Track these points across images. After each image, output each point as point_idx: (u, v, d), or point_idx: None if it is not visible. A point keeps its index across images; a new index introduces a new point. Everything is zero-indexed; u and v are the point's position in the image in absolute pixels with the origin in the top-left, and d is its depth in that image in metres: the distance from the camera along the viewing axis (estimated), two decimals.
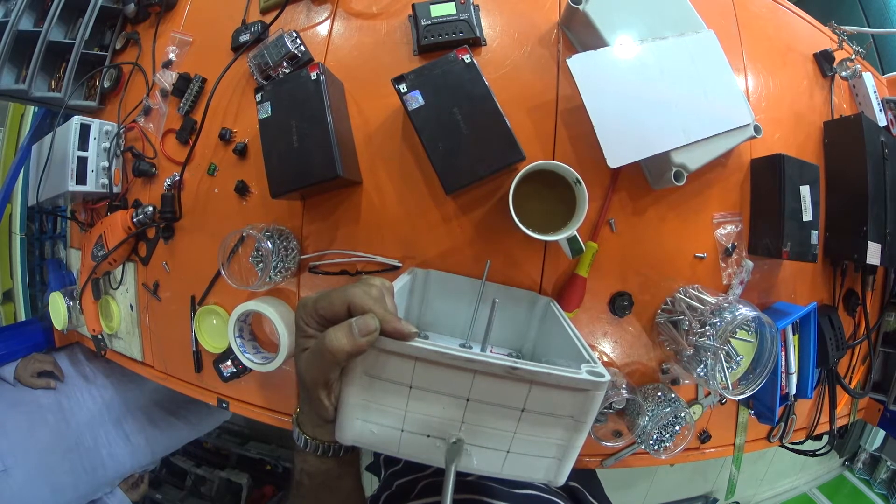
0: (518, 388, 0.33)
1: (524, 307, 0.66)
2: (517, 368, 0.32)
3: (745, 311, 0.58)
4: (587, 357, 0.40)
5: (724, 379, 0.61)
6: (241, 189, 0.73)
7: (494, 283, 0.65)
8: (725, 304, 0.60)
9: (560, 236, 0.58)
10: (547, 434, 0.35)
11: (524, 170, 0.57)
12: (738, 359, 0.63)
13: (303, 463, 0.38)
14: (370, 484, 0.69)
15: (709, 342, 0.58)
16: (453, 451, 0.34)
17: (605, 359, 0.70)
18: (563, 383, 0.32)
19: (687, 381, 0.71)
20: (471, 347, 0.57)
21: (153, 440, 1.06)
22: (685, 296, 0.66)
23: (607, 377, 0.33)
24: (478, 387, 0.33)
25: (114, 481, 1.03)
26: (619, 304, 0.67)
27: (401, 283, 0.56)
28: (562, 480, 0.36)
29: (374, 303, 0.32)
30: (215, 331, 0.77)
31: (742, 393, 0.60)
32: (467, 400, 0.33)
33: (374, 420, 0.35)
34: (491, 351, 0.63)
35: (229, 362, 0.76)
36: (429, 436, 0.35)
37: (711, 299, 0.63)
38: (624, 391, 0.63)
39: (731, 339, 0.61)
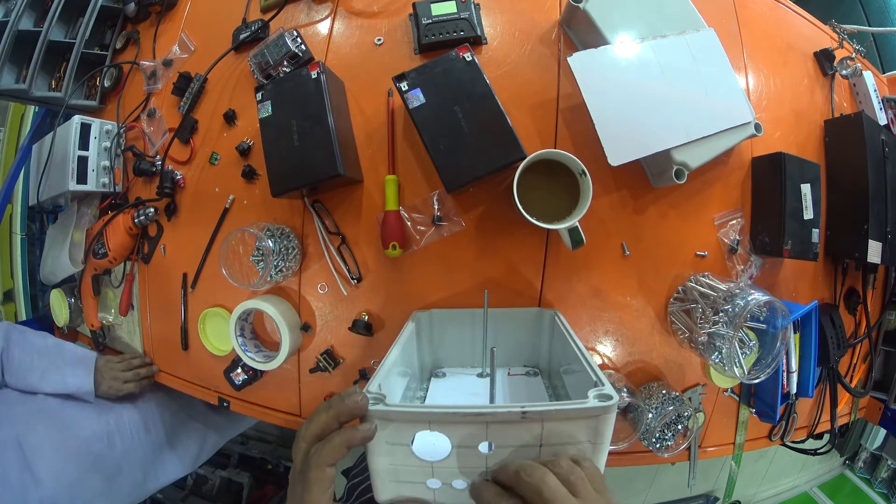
0: (532, 427, 0.34)
1: (531, 324, 0.66)
2: (527, 412, 0.33)
3: (758, 296, 0.57)
4: (594, 377, 0.40)
5: (739, 364, 0.60)
6: (249, 174, 0.72)
7: (497, 309, 0.64)
8: (737, 291, 0.60)
9: (561, 225, 0.58)
10: None
11: (531, 156, 0.57)
12: (751, 344, 0.63)
13: None
14: None
15: (722, 329, 0.58)
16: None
17: (606, 359, 0.70)
18: (574, 415, 0.34)
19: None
20: (489, 375, 0.57)
21: (189, 455, 0.97)
22: (696, 284, 0.66)
23: (615, 398, 0.34)
24: (494, 433, 0.34)
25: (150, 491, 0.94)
26: None
27: (406, 332, 0.57)
28: None
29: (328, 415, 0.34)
30: (221, 334, 0.77)
31: (757, 377, 0.60)
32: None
33: (405, 480, 0.36)
34: (509, 374, 0.65)
35: (239, 370, 0.77)
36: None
37: (723, 286, 0.63)
38: (625, 394, 0.63)
39: (743, 326, 0.61)
